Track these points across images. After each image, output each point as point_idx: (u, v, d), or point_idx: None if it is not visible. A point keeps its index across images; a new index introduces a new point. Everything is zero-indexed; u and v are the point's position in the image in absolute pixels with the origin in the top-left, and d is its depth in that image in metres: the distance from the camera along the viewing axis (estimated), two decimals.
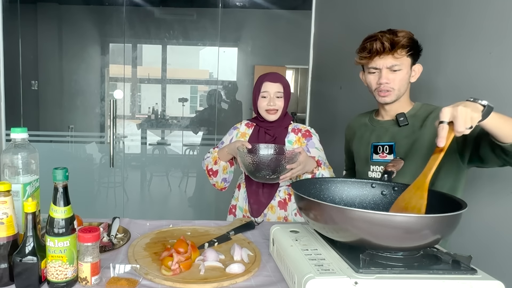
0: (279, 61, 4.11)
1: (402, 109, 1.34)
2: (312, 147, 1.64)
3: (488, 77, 1.37)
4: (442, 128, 0.84)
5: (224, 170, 1.66)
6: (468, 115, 0.83)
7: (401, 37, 1.24)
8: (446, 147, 0.85)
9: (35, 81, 3.47)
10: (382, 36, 1.25)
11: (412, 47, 1.26)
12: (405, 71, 1.28)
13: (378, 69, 1.29)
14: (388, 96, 1.30)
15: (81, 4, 3.67)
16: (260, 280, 0.92)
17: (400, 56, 1.25)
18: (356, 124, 1.53)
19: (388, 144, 1.33)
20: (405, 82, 1.29)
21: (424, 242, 0.78)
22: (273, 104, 1.61)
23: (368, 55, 1.29)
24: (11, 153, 0.94)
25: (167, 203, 3.70)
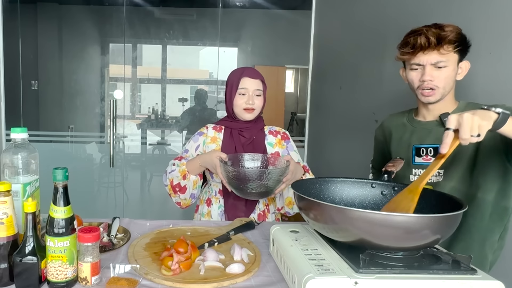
0: (279, 61, 4.11)
1: (446, 108, 1.24)
2: (291, 150, 1.55)
3: (488, 77, 1.37)
4: (446, 135, 0.83)
5: (194, 185, 1.47)
6: (475, 123, 0.81)
7: (448, 31, 1.15)
8: (448, 154, 0.84)
9: (35, 81, 3.47)
10: (428, 30, 1.16)
11: (460, 42, 1.17)
12: (451, 68, 1.18)
13: (422, 66, 1.20)
14: (432, 95, 1.20)
15: (81, 4, 3.67)
16: (260, 280, 0.92)
17: (447, 52, 1.16)
18: (391, 124, 1.42)
19: (433, 146, 1.24)
20: (451, 80, 1.20)
21: (424, 242, 0.78)
22: (252, 102, 1.46)
23: (411, 50, 1.19)
24: (11, 153, 0.94)
25: (167, 203, 3.69)
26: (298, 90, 7.12)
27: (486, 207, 1.16)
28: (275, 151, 1.54)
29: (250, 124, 1.53)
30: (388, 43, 2.00)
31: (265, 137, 1.55)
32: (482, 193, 1.16)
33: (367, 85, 2.26)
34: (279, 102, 4.22)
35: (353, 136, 2.40)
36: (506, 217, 1.19)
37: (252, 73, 1.50)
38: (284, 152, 1.54)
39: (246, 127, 1.54)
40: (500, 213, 1.18)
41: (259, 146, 1.51)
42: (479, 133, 0.82)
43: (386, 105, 2.00)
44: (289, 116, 5.61)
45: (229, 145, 1.52)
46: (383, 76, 2.06)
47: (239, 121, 1.53)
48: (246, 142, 1.51)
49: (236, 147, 1.51)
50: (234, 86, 1.49)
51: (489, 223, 1.18)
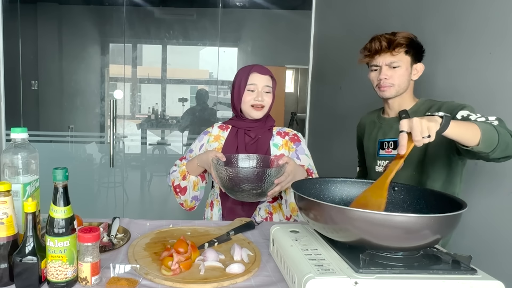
0: (279, 61, 4.11)
1: (405, 106, 1.40)
2: (302, 153, 1.45)
3: (488, 77, 1.37)
4: (402, 137, 0.91)
5: (195, 187, 1.42)
6: (424, 125, 0.89)
7: (399, 37, 1.32)
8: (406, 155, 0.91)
9: (35, 81, 3.47)
10: (381, 36, 1.35)
11: (409, 45, 1.33)
12: (404, 68, 1.34)
13: (379, 66, 1.37)
14: (387, 90, 1.36)
15: (81, 4, 3.67)
16: (260, 280, 0.92)
17: (398, 53, 1.33)
18: (366, 121, 1.59)
19: (393, 140, 1.40)
20: (405, 79, 1.35)
21: (424, 242, 0.78)
22: (261, 99, 1.40)
23: (369, 53, 1.38)
24: (11, 153, 0.94)
25: (167, 203, 3.70)
26: (298, 90, 7.12)
27: None
28: (280, 153, 1.44)
29: (258, 123, 1.47)
30: None
31: (272, 138, 1.47)
32: (431, 181, 1.30)
33: (367, 85, 2.25)
34: (279, 102, 4.22)
35: (353, 136, 2.40)
36: None
37: (262, 69, 1.45)
38: (293, 155, 1.45)
39: (254, 126, 1.47)
40: None
41: (263, 146, 1.44)
42: (429, 134, 0.89)
43: None
44: (289, 116, 5.62)
45: (231, 144, 1.46)
46: None
47: (247, 120, 1.46)
48: (250, 142, 1.45)
49: (239, 146, 1.45)
50: (243, 82, 1.43)
51: None
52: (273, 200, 1.47)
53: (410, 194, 1.01)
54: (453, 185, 1.30)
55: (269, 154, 1.43)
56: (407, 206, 1.00)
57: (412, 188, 1.02)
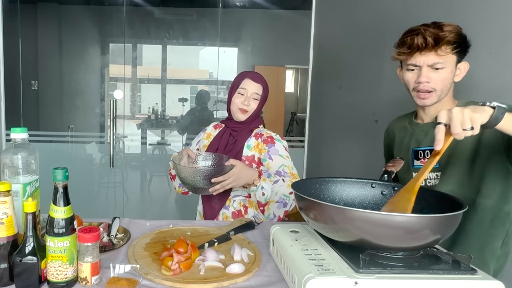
0: (279, 61, 4.11)
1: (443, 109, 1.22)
2: (275, 153, 1.50)
3: (488, 77, 1.37)
4: (438, 130, 0.81)
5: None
6: (466, 116, 0.79)
7: (447, 31, 1.10)
8: (443, 151, 0.82)
9: (35, 81, 3.47)
10: (425, 30, 1.11)
11: (459, 43, 1.13)
12: (449, 69, 1.14)
13: (418, 66, 1.15)
14: (428, 98, 1.16)
15: (81, 4, 3.67)
16: (260, 280, 0.92)
17: (445, 53, 1.11)
18: (395, 127, 1.39)
19: (429, 148, 1.21)
20: (448, 82, 1.15)
21: (424, 242, 0.78)
22: (247, 104, 1.51)
23: (407, 50, 1.14)
24: (11, 153, 0.94)
25: (167, 203, 3.70)
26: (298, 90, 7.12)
27: (486, 212, 1.11)
28: (251, 154, 1.52)
29: (243, 125, 1.56)
30: (388, 43, 2.00)
31: (248, 139, 1.55)
32: (481, 198, 1.11)
33: (367, 85, 2.26)
34: (279, 102, 4.22)
35: (353, 136, 2.40)
36: (508, 223, 1.13)
37: (255, 77, 1.54)
38: (265, 155, 1.51)
39: (238, 127, 1.57)
40: (502, 219, 1.12)
41: (238, 146, 1.54)
42: (472, 126, 0.79)
43: (386, 105, 2.00)
44: (289, 116, 5.61)
45: (215, 143, 1.59)
46: (383, 76, 2.06)
47: (233, 120, 1.57)
48: (231, 142, 1.56)
49: (219, 146, 1.58)
50: (236, 85, 1.55)
51: (489, 229, 1.12)
52: (248, 195, 1.53)
53: None
54: (509, 202, 1.10)
55: (240, 154, 1.52)
56: None
57: None
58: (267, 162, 1.51)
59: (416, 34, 1.12)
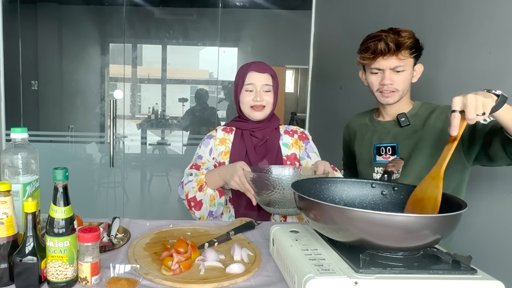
0: (279, 61, 4.11)
1: (403, 109, 1.33)
2: (311, 151, 1.43)
3: (488, 77, 1.37)
4: (454, 117, 0.84)
5: (212, 201, 1.29)
6: (480, 102, 0.82)
7: (405, 37, 1.21)
8: (459, 136, 0.85)
9: (35, 81, 3.47)
10: (387, 36, 1.21)
11: (416, 47, 1.24)
12: (408, 72, 1.26)
13: (381, 70, 1.26)
14: (391, 97, 1.28)
15: (81, 4, 3.67)
16: (260, 280, 0.92)
17: (405, 57, 1.23)
18: (356, 124, 1.49)
19: (391, 145, 1.31)
20: (408, 83, 1.28)
21: (424, 242, 0.78)
22: (260, 99, 1.33)
23: (371, 55, 1.24)
24: (11, 153, 0.94)
25: (167, 203, 3.70)
26: (298, 90, 7.12)
27: None
28: (292, 152, 1.39)
29: (263, 124, 1.41)
30: None
31: (280, 137, 1.42)
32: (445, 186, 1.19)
33: None
34: (279, 102, 4.20)
35: None
36: None
37: (259, 67, 1.37)
38: (303, 153, 1.41)
39: (258, 127, 1.40)
40: None
41: (273, 147, 1.37)
42: (484, 111, 0.83)
43: None
44: (289, 116, 5.62)
45: (240, 147, 1.38)
46: None
47: (250, 121, 1.40)
48: (259, 143, 1.38)
49: (247, 149, 1.38)
50: (240, 82, 1.37)
51: None
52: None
53: (410, 194, 1.00)
54: (460, 192, 1.25)
55: (280, 154, 1.38)
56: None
57: (412, 188, 1.02)
58: (306, 161, 1.41)
59: (379, 40, 1.22)
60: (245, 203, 1.31)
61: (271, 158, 1.35)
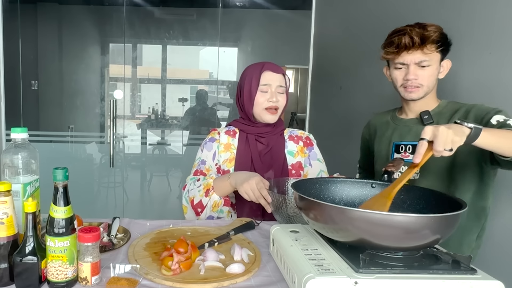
0: (279, 61, 4.09)
1: (427, 106, 1.27)
2: (314, 158, 1.38)
3: (488, 77, 1.37)
4: (421, 145, 0.84)
5: (214, 208, 1.25)
6: (449, 137, 0.82)
7: (431, 31, 1.17)
8: (421, 164, 0.86)
9: (35, 81, 3.47)
10: (412, 30, 1.17)
11: (442, 42, 1.20)
12: (434, 67, 1.21)
13: (406, 65, 1.22)
14: (415, 92, 1.22)
15: (81, 4, 3.67)
16: (260, 280, 0.92)
17: (430, 51, 1.18)
18: (377, 122, 1.44)
19: (412, 143, 1.26)
20: (434, 79, 1.23)
21: (424, 242, 0.78)
22: (276, 100, 1.28)
23: (395, 50, 1.21)
24: (11, 153, 0.94)
25: (167, 203, 3.70)
26: (298, 90, 7.11)
27: None
28: (297, 161, 1.35)
29: (270, 129, 1.35)
30: None
31: (285, 145, 1.36)
32: (459, 193, 1.17)
33: (367, 85, 2.26)
34: None
35: (353, 136, 2.40)
36: (484, 217, 1.21)
37: (274, 66, 1.33)
38: (305, 161, 1.36)
39: (266, 132, 1.35)
40: (477, 213, 1.20)
41: (278, 155, 1.31)
42: (452, 147, 0.83)
43: (386, 105, 1.99)
44: (289, 116, 5.61)
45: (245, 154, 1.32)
46: (383, 76, 2.06)
47: (258, 124, 1.34)
48: (264, 151, 1.33)
49: (253, 156, 1.32)
50: (254, 81, 1.29)
51: (467, 223, 1.20)
52: None
53: (410, 194, 1.01)
54: (484, 198, 1.19)
55: (286, 164, 1.33)
56: (407, 206, 1.00)
57: (412, 188, 1.02)
58: (307, 169, 1.37)
59: (403, 34, 1.18)
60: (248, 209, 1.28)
61: (277, 168, 1.30)
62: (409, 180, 1.21)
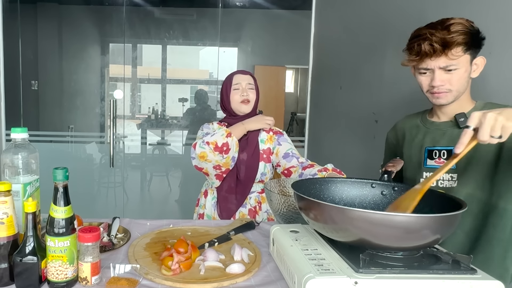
0: (279, 61, 4.11)
1: (462, 108, 1.16)
2: (284, 141, 1.62)
3: (488, 77, 1.37)
4: (464, 134, 0.77)
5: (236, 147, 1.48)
6: (498, 123, 0.74)
7: (455, 33, 1.04)
8: (463, 154, 0.79)
9: (35, 81, 3.47)
10: (432, 34, 1.06)
11: (470, 43, 1.07)
12: (463, 69, 1.09)
13: (430, 69, 1.11)
14: (443, 97, 1.12)
15: (81, 4, 3.67)
16: (260, 280, 0.92)
17: (456, 56, 1.06)
18: (405, 125, 1.34)
19: (446, 148, 1.15)
20: (465, 81, 1.11)
21: (424, 242, 0.78)
22: (246, 94, 1.59)
23: (416, 57, 1.11)
24: (11, 153, 0.94)
25: (167, 203, 3.70)
26: (298, 90, 7.12)
27: (509, 217, 1.06)
28: (267, 147, 1.61)
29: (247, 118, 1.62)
30: (388, 43, 2.00)
31: (259, 134, 1.63)
32: (504, 203, 1.05)
33: (367, 85, 2.26)
34: (279, 102, 4.21)
35: (353, 136, 2.40)
36: None
37: (242, 71, 1.66)
38: (275, 144, 1.61)
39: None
40: None
41: (252, 142, 1.59)
42: (502, 134, 0.75)
43: (386, 105, 2.00)
44: (289, 116, 5.62)
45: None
46: (383, 76, 2.06)
47: (238, 116, 1.63)
48: (243, 138, 1.58)
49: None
50: (229, 84, 1.62)
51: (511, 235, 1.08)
52: (262, 191, 1.61)
53: None
54: None
55: (258, 149, 1.59)
56: None
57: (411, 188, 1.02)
58: (276, 148, 1.61)
59: (423, 40, 1.08)
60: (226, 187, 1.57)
61: (249, 152, 1.58)
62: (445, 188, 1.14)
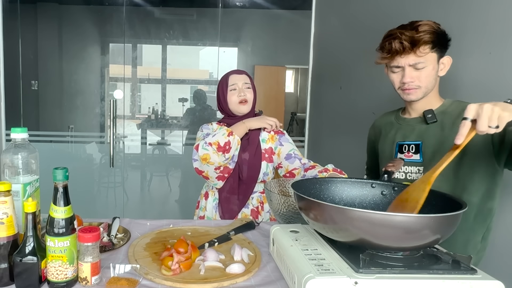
0: (279, 61, 4.11)
1: (431, 105, 1.25)
2: (285, 141, 1.60)
3: (488, 77, 1.37)
4: (463, 125, 0.80)
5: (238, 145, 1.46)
6: (495, 114, 0.78)
7: (422, 32, 1.14)
8: (463, 145, 0.82)
9: (35, 81, 3.47)
10: (401, 33, 1.16)
11: (436, 41, 1.17)
12: (431, 67, 1.19)
13: (401, 67, 1.21)
14: (413, 93, 1.22)
15: (81, 4, 3.67)
16: (260, 280, 0.92)
17: (424, 53, 1.16)
18: (381, 123, 1.44)
19: (415, 143, 1.24)
20: (432, 78, 1.20)
21: (424, 242, 0.78)
22: (243, 94, 1.55)
23: (388, 55, 1.21)
24: (11, 153, 0.94)
25: (167, 203, 3.70)
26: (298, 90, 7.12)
27: (471, 209, 1.14)
28: (269, 146, 1.59)
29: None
30: None
31: (260, 134, 1.61)
32: (467, 195, 1.14)
33: (367, 85, 2.26)
34: (279, 102, 4.21)
35: (353, 136, 2.40)
36: (490, 218, 1.19)
37: (237, 71, 1.63)
38: (276, 144, 1.59)
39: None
40: (484, 214, 1.17)
41: (254, 142, 1.57)
42: (498, 124, 0.79)
43: (385, 105, 1.99)
44: (289, 116, 5.61)
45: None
46: (383, 76, 2.05)
47: (237, 117, 1.60)
48: (244, 138, 1.56)
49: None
50: (225, 85, 1.59)
51: (473, 224, 1.17)
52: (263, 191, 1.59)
53: None
54: (492, 198, 1.16)
55: (259, 148, 1.58)
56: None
57: None
58: (278, 149, 1.58)
59: (393, 39, 1.18)
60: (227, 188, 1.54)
61: (251, 152, 1.56)
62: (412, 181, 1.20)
